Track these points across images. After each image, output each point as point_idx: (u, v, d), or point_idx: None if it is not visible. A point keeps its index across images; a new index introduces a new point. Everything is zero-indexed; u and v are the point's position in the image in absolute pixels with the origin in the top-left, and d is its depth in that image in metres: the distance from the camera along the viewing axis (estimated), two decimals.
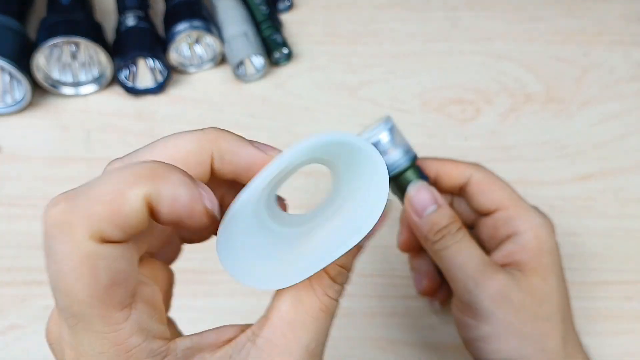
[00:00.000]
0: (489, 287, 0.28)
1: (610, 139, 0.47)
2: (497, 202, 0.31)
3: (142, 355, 0.17)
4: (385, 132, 0.31)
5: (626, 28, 0.53)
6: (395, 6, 0.55)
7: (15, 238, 0.41)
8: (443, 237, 0.29)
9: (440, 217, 0.29)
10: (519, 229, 0.30)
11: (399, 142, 0.31)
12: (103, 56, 0.46)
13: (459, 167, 0.32)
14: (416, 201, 0.30)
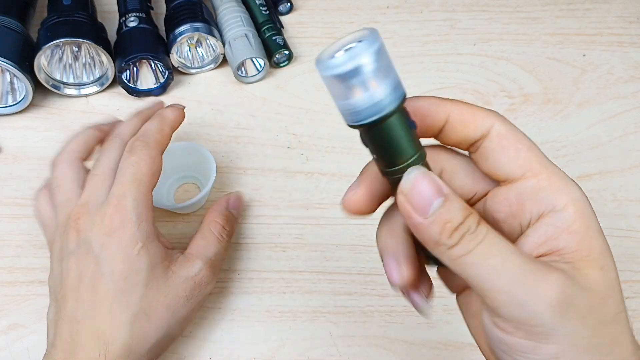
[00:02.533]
0: (546, 293, 0.20)
1: (609, 140, 0.47)
2: (525, 165, 0.23)
3: (151, 216, 0.34)
4: (369, 54, 0.20)
5: (625, 28, 0.54)
6: (394, 8, 0.55)
7: (16, 238, 0.42)
8: (462, 239, 0.21)
9: (452, 212, 0.21)
10: (557, 203, 0.22)
11: (385, 72, 0.21)
12: (105, 57, 0.46)
13: (476, 114, 0.23)
14: (415, 197, 0.21)
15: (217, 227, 0.37)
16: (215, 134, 0.47)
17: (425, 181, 0.21)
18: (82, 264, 0.32)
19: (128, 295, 0.32)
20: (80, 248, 0.32)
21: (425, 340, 0.38)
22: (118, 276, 0.31)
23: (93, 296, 0.32)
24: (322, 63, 0.20)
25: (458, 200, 0.21)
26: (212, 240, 0.36)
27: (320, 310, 0.39)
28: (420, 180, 0.21)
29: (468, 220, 0.21)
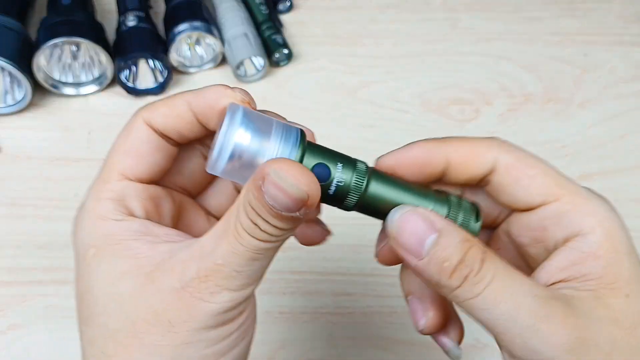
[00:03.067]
0: (562, 339, 0.18)
1: (610, 139, 0.47)
2: (543, 191, 0.21)
3: (103, 209, 0.22)
4: (237, 128, 0.19)
5: (626, 28, 0.53)
6: (395, 7, 0.55)
7: (15, 238, 0.41)
8: (466, 281, 0.19)
9: (448, 248, 0.19)
10: (583, 227, 0.20)
11: (265, 129, 0.20)
12: (104, 56, 0.46)
13: (477, 150, 0.23)
14: (405, 237, 0.20)
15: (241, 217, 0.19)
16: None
17: (412, 219, 0.20)
18: None
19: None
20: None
21: (426, 341, 0.38)
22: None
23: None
24: (210, 167, 0.20)
25: (455, 234, 0.19)
26: (227, 235, 0.20)
27: (321, 311, 0.39)
28: (405, 219, 0.20)
29: (469, 256, 0.19)
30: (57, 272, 0.40)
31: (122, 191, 0.22)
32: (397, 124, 0.48)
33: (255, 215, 0.19)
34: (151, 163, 0.23)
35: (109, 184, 0.22)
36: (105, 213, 0.21)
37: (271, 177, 0.18)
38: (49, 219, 0.42)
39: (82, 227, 0.22)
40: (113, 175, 0.22)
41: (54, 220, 0.42)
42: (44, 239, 0.41)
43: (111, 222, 0.21)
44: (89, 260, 0.21)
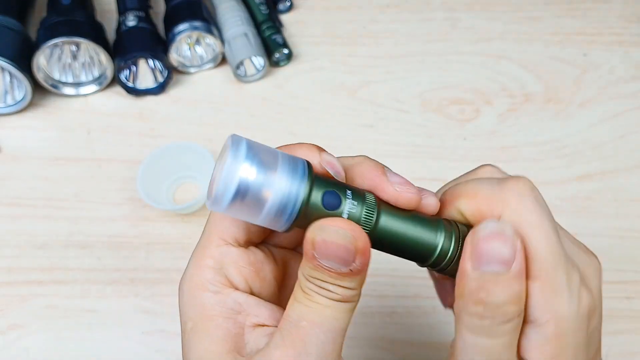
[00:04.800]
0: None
1: (610, 139, 0.47)
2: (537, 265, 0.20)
3: (204, 279, 0.21)
4: (242, 162, 0.18)
5: (626, 28, 0.53)
6: (394, 7, 0.55)
7: (15, 238, 0.41)
8: (482, 318, 0.19)
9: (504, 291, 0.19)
10: (539, 317, 0.20)
11: (270, 161, 0.19)
12: (103, 56, 0.46)
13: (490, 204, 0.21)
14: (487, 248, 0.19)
15: (305, 283, 0.20)
16: (214, 133, 0.47)
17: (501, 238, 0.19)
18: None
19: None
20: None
21: (426, 341, 0.38)
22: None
23: None
24: (213, 204, 0.19)
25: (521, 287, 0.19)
26: (300, 302, 0.20)
27: None
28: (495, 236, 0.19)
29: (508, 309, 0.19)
30: (57, 272, 0.40)
31: (221, 258, 0.21)
32: (397, 124, 0.48)
33: (321, 282, 0.19)
34: (253, 227, 0.21)
35: (208, 250, 0.21)
36: (204, 283, 0.21)
37: (319, 237, 0.19)
38: (49, 219, 0.42)
39: (182, 296, 0.21)
40: (213, 240, 0.21)
41: (54, 220, 0.42)
42: (44, 239, 0.41)
43: (208, 294, 0.21)
44: (188, 333, 0.21)
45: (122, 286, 0.40)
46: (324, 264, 0.19)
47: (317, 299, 0.20)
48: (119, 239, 0.41)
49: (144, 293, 0.40)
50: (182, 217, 0.43)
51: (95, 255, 0.41)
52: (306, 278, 0.20)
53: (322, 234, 0.19)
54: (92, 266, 0.40)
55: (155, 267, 0.40)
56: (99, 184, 0.44)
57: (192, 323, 0.21)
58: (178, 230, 0.42)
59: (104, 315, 0.39)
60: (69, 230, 0.42)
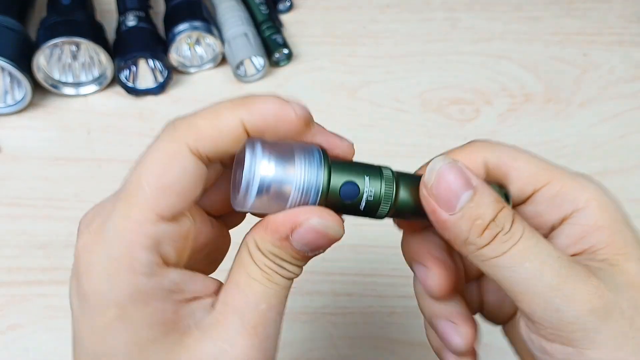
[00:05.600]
0: (586, 298, 0.19)
1: (610, 139, 0.47)
2: (532, 180, 0.22)
3: (136, 262, 0.18)
4: (260, 160, 0.18)
5: (626, 28, 0.53)
6: (395, 7, 0.55)
7: (15, 238, 0.41)
8: (495, 239, 0.19)
9: (482, 206, 0.19)
10: (578, 203, 0.21)
11: (287, 156, 0.19)
12: (103, 56, 0.46)
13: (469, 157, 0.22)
14: (441, 190, 0.19)
15: (262, 259, 0.20)
16: None
17: (452, 172, 0.19)
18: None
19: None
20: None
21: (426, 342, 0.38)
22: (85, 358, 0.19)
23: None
24: (237, 204, 0.19)
25: (490, 193, 0.19)
26: (255, 278, 0.20)
27: (321, 311, 0.39)
28: (446, 171, 0.19)
29: (501, 216, 0.19)
30: (57, 272, 0.40)
31: (158, 236, 0.18)
32: (397, 124, 0.48)
33: (281, 260, 0.20)
34: (192, 197, 0.19)
35: (144, 228, 0.18)
36: (137, 266, 0.18)
37: (313, 225, 0.19)
38: (49, 219, 0.42)
39: (101, 278, 0.18)
40: (148, 217, 0.18)
41: (54, 220, 0.42)
42: (44, 239, 0.41)
43: (141, 277, 0.18)
44: (108, 321, 0.18)
45: None
46: (296, 247, 0.19)
47: (276, 278, 0.20)
48: None
49: None
50: None
51: None
52: (265, 254, 0.19)
53: (321, 226, 0.19)
54: None
55: None
56: (99, 184, 0.44)
57: (117, 309, 0.18)
58: None
59: None
60: (69, 230, 0.42)
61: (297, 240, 0.19)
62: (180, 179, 0.18)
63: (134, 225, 0.18)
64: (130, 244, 0.18)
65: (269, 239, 0.19)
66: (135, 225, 0.18)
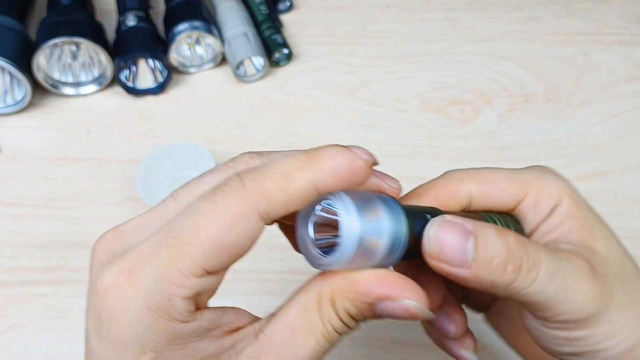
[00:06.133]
0: (584, 285, 0.21)
1: (610, 139, 0.47)
2: (513, 195, 0.24)
3: (175, 311, 0.17)
4: (357, 218, 0.18)
5: (626, 28, 0.53)
6: (395, 7, 0.55)
7: (15, 238, 0.41)
8: (520, 271, 0.20)
9: (490, 246, 0.19)
10: (554, 201, 0.23)
11: (374, 209, 0.19)
12: (103, 56, 0.46)
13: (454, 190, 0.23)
14: (448, 254, 0.19)
15: (332, 316, 0.19)
16: (214, 133, 0.47)
17: (447, 232, 0.19)
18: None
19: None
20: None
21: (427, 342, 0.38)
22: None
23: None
24: (333, 264, 0.18)
25: (488, 229, 0.20)
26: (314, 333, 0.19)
27: None
28: (441, 234, 0.19)
29: (513, 246, 0.20)
30: (57, 272, 0.40)
31: (200, 289, 0.18)
32: (397, 124, 0.48)
33: (350, 319, 0.19)
34: (243, 255, 0.18)
35: (189, 281, 0.17)
36: (174, 314, 0.17)
37: (407, 305, 0.18)
38: (49, 219, 0.42)
39: (134, 324, 0.17)
40: (196, 271, 0.17)
41: (54, 220, 0.42)
42: (44, 239, 0.41)
43: (178, 324, 0.18)
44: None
45: None
46: (376, 311, 0.19)
47: (334, 338, 0.19)
48: None
49: None
50: None
51: None
52: (336, 311, 0.18)
53: (418, 310, 0.18)
54: None
55: None
56: (99, 184, 0.44)
57: (154, 353, 0.18)
58: None
59: None
60: (69, 230, 0.42)
61: (383, 309, 0.18)
62: (241, 242, 0.18)
63: (179, 277, 0.17)
64: (172, 296, 0.17)
65: (351, 298, 0.18)
66: (181, 277, 0.17)
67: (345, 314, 0.19)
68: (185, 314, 0.18)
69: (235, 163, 0.20)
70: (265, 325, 0.19)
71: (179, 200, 0.20)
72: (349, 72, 0.51)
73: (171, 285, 0.17)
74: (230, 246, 0.17)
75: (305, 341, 0.18)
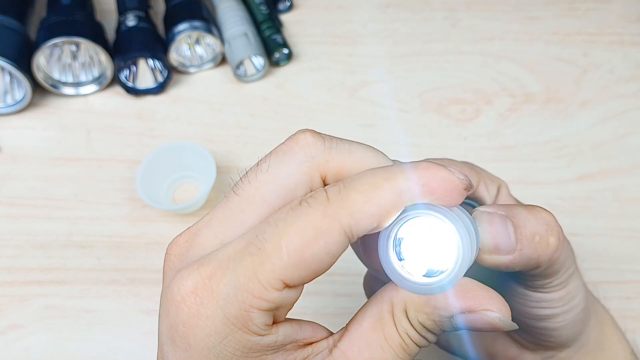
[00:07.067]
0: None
1: (610, 139, 0.47)
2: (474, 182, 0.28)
3: (252, 323, 0.17)
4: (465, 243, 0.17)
5: (626, 28, 0.53)
6: (395, 6, 0.55)
7: (15, 238, 0.41)
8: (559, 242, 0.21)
9: (530, 228, 0.20)
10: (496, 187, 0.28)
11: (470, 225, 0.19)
12: (103, 56, 0.46)
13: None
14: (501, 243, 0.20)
15: (407, 327, 0.19)
16: (214, 133, 0.47)
17: (493, 222, 0.20)
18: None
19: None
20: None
21: None
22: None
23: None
24: (441, 288, 0.18)
25: (520, 210, 0.21)
26: (391, 344, 0.19)
27: (321, 312, 0.39)
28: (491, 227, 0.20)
29: (548, 219, 0.21)
30: (57, 272, 0.40)
31: (278, 302, 0.17)
32: (397, 124, 0.48)
33: (427, 332, 0.18)
34: (324, 271, 0.18)
35: (268, 293, 0.17)
36: (252, 327, 0.17)
37: (489, 317, 0.18)
38: (49, 219, 0.42)
39: (211, 332, 0.17)
40: (276, 284, 0.17)
41: (54, 220, 0.42)
42: (44, 239, 0.41)
43: (255, 336, 0.17)
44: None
45: (122, 286, 0.40)
46: (455, 324, 0.18)
47: (412, 350, 0.18)
48: (119, 239, 0.41)
49: (144, 293, 0.39)
50: (182, 217, 0.43)
51: (95, 255, 0.41)
52: (412, 323, 0.18)
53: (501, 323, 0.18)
54: (92, 266, 0.40)
55: (155, 267, 0.40)
56: (98, 184, 0.44)
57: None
58: (178, 231, 0.42)
59: (104, 316, 0.39)
60: (69, 230, 0.42)
61: (462, 322, 0.18)
62: (323, 257, 0.17)
63: (259, 289, 0.17)
64: (250, 307, 0.17)
65: (428, 312, 0.18)
66: (260, 289, 0.17)
67: (420, 326, 0.18)
68: (262, 327, 0.17)
69: (294, 143, 0.20)
70: (339, 340, 0.19)
71: (241, 195, 0.19)
72: (349, 72, 0.50)
73: (250, 297, 0.17)
74: (311, 260, 0.17)
75: (382, 353, 0.18)
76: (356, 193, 0.17)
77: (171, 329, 0.17)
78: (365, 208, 0.16)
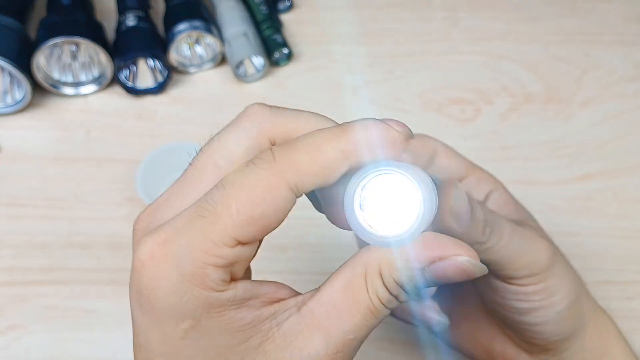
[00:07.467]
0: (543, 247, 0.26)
1: (610, 139, 0.47)
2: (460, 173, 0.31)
3: (209, 279, 0.18)
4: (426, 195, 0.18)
5: (626, 28, 0.53)
6: (395, 6, 0.55)
7: (15, 238, 0.41)
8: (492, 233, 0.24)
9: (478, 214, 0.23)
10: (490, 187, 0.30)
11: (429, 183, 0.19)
12: (103, 56, 0.46)
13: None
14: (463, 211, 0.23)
15: (379, 288, 0.19)
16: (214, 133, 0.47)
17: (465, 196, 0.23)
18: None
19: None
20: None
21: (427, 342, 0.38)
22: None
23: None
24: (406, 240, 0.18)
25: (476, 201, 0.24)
26: (358, 307, 0.19)
27: None
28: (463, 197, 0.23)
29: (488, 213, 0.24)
30: (57, 272, 0.40)
31: (232, 259, 0.18)
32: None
33: (400, 290, 0.19)
34: (274, 227, 0.18)
35: (221, 250, 0.17)
36: (209, 283, 0.18)
37: (459, 262, 0.18)
38: (49, 219, 0.42)
39: (171, 292, 0.18)
40: (228, 241, 0.17)
41: (53, 220, 0.42)
42: (44, 239, 0.41)
43: (213, 292, 0.18)
44: (182, 332, 0.18)
45: (122, 286, 0.40)
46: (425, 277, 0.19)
47: (381, 313, 0.19)
48: (119, 239, 0.41)
49: None
50: None
51: (95, 255, 0.41)
52: (386, 284, 0.18)
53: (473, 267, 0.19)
54: (92, 266, 0.40)
55: None
56: (98, 184, 0.44)
57: (191, 321, 0.18)
58: None
59: (104, 316, 0.39)
60: (69, 230, 0.42)
61: (435, 272, 0.18)
62: (272, 213, 0.18)
63: (211, 247, 0.17)
64: (204, 264, 0.17)
65: (402, 266, 0.18)
66: (213, 247, 0.17)
67: (394, 284, 0.19)
68: (219, 283, 0.18)
69: (243, 114, 0.20)
70: (308, 299, 0.19)
71: (195, 165, 0.20)
72: (349, 72, 0.50)
73: (204, 254, 0.17)
74: (260, 217, 0.17)
75: (349, 316, 0.18)
76: (301, 152, 0.18)
77: (137, 294, 0.18)
78: (309, 165, 0.18)
